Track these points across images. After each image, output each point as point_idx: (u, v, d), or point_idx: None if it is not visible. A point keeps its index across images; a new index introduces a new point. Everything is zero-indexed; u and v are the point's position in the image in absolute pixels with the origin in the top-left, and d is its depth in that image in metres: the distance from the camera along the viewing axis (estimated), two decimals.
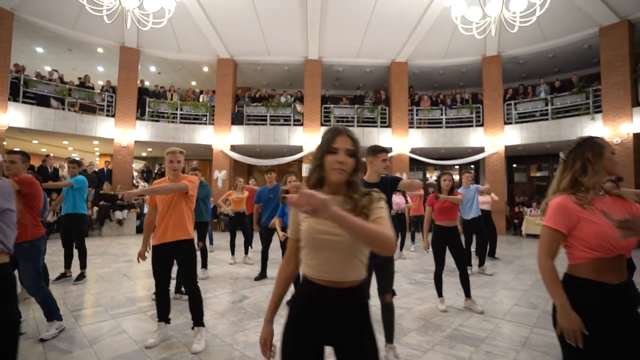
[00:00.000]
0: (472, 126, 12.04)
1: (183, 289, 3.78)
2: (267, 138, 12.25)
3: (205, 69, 13.32)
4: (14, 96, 9.51)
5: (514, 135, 11.37)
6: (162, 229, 2.83)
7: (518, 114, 11.49)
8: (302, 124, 12.41)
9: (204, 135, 12.14)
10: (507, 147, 11.58)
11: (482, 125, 11.90)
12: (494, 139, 11.56)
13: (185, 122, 12.23)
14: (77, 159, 6.44)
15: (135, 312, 3.62)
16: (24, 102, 9.70)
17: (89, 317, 3.49)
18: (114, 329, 3.15)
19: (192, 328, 2.87)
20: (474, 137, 11.90)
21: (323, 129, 12.28)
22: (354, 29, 11.06)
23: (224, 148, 12.09)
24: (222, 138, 12.10)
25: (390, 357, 2.59)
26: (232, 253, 6.35)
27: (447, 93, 13.65)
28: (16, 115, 9.43)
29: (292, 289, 1.59)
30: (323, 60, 12.49)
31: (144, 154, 15.34)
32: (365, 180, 2.67)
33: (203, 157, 15.57)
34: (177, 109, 12.07)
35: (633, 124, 9.13)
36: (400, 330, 3.24)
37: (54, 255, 6.45)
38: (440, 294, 3.90)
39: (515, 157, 14.01)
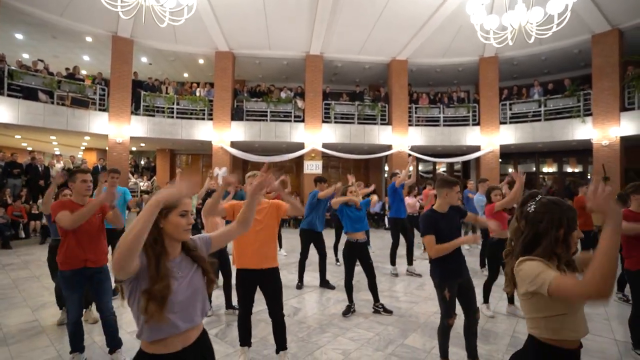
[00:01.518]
0: (468, 125, 12.44)
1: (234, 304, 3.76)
2: (269, 134, 12.07)
3: (201, 61, 12.83)
4: None
5: (509, 135, 11.88)
6: (252, 253, 2.76)
7: (512, 114, 11.99)
8: (303, 120, 12.31)
9: (203, 131, 11.77)
10: (502, 146, 12.08)
11: (478, 124, 12.32)
12: (489, 138, 12.03)
13: (183, 117, 11.79)
14: (103, 164, 6.11)
15: None
16: (9, 96, 8.95)
17: None
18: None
19: (277, 352, 2.87)
20: (471, 135, 12.32)
21: (324, 126, 12.28)
22: (361, 27, 11.00)
23: (224, 144, 11.80)
24: (222, 134, 11.80)
25: None
26: None
27: (443, 90, 13.98)
28: (1, 110, 8.71)
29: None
30: (324, 55, 12.37)
31: (133, 149, 14.66)
32: (435, 210, 2.76)
33: (198, 152, 15.15)
34: (173, 104, 11.59)
35: (620, 128, 9.80)
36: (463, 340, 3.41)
37: None
38: (486, 300, 4.13)
39: (503, 153, 14.65)
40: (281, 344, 2.84)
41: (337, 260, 6.58)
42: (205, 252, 1.50)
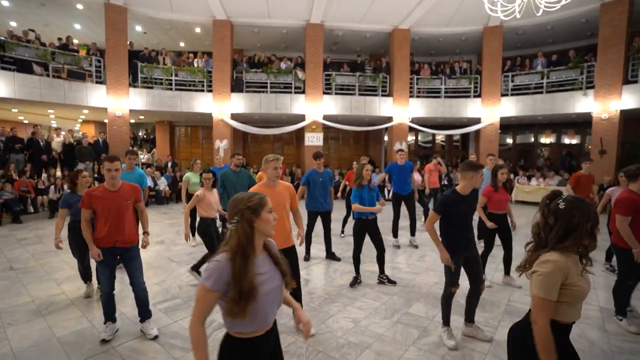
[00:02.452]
0: (469, 97, 12.37)
1: None
2: (269, 106, 11.97)
3: (198, 29, 12.39)
4: None
5: (509, 107, 11.87)
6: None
7: (514, 86, 11.90)
8: (303, 92, 12.17)
9: (203, 103, 11.63)
10: (502, 119, 12.11)
11: (479, 96, 12.25)
12: (490, 110, 12.02)
13: (182, 89, 11.60)
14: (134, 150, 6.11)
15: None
16: (2, 69, 8.74)
17: (174, 310, 3.65)
18: (211, 323, 3.34)
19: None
20: (472, 107, 12.29)
21: (325, 97, 12.16)
22: None
23: (224, 117, 11.72)
24: (223, 106, 11.68)
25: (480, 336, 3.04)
26: None
27: (444, 60, 13.74)
28: None
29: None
30: (325, 24, 11.99)
31: (132, 121, 14.49)
32: (459, 192, 2.90)
33: (198, 124, 15.03)
34: (171, 75, 11.35)
35: (622, 101, 9.83)
36: (462, 308, 3.71)
37: None
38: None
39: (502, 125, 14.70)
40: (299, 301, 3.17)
41: (342, 232, 6.84)
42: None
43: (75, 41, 12.14)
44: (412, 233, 6.18)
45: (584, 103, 10.51)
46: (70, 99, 9.71)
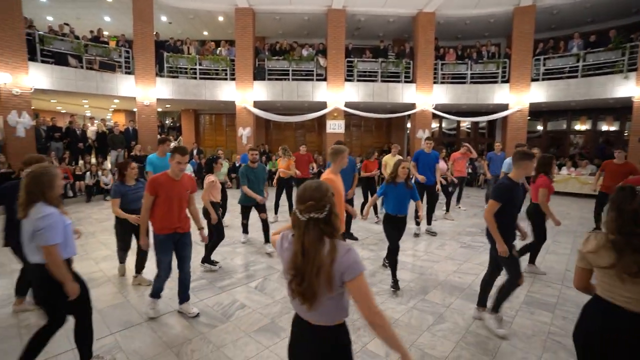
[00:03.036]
0: (497, 82, 11.88)
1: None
2: (291, 94, 12.03)
3: (221, 18, 12.52)
4: (31, 55, 9.04)
5: (540, 93, 11.33)
6: None
7: (546, 70, 11.30)
8: (325, 79, 12.12)
9: (226, 91, 11.85)
10: (531, 105, 11.59)
11: (507, 81, 11.74)
12: (519, 96, 11.52)
13: (206, 78, 11.86)
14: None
15: (238, 284, 4.03)
16: (42, 62, 9.26)
17: (200, 290, 3.89)
18: (234, 303, 3.54)
19: None
20: (499, 93, 11.82)
21: (347, 85, 12.06)
22: None
23: (247, 105, 11.91)
24: (245, 94, 11.85)
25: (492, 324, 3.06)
26: (276, 212, 7.13)
27: (471, 44, 13.20)
28: (38, 76, 9.08)
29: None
30: (347, 9, 11.78)
31: (159, 109, 15.02)
32: (512, 178, 2.95)
33: (221, 112, 15.34)
34: (195, 64, 11.61)
35: None
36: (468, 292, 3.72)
37: None
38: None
39: (532, 110, 14.05)
40: None
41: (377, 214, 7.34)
42: None
43: (106, 33, 12.62)
44: (429, 222, 6.29)
45: (624, 87, 9.85)
46: (102, 89, 10.18)
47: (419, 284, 4.02)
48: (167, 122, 18.02)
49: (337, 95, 12.00)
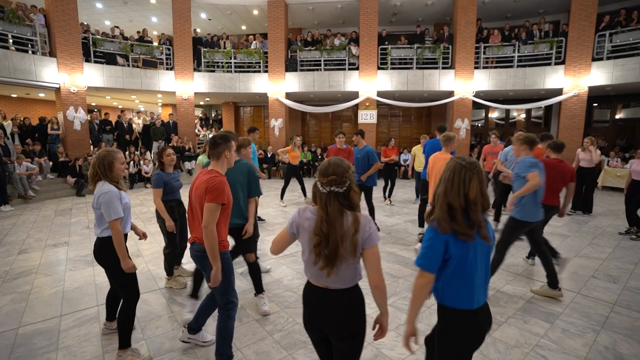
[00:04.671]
0: (550, 64, 10.58)
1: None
2: (322, 84, 11.96)
3: (255, 12, 12.80)
4: (86, 56, 10.12)
5: (603, 74, 9.87)
6: None
7: (613, 47, 9.78)
8: (357, 68, 11.83)
9: (259, 83, 12.16)
10: (591, 88, 10.16)
11: (563, 62, 10.40)
12: (576, 79, 10.16)
13: (240, 71, 12.27)
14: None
15: None
16: (95, 62, 10.31)
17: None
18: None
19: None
20: (552, 77, 10.53)
21: (380, 73, 11.65)
22: None
23: (279, 96, 12.11)
24: (277, 86, 12.05)
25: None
26: (282, 198, 7.44)
27: (522, 24, 11.88)
28: (92, 75, 10.15)
29: None
30: None
31: (202, 102, 15.93)
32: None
33: (259, 104, 15.81)
34: (230, 58, 12.06)
35: None
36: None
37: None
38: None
39: (597, 96, 12.31)
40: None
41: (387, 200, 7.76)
42: None
43: (155, 33, 13.65)
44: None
45: None
46: (146, 85, 11.06)
47: (409, 281, 3.80)
48: (213, 114, 19.04)
49: (369, 84, 11.66)
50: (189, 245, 2.47)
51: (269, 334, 2.83)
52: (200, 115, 17.07)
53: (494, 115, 14.26)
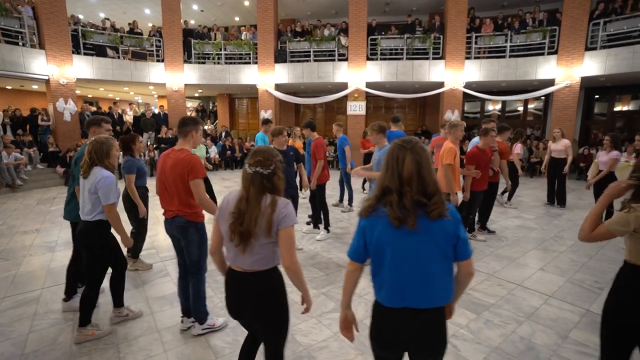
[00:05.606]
0: (542, 54, 10.29)
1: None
2: (311, 75, 11.90)
3: (247, 2, 12.76)
4: (75, 48, 10.26)
5: (597, 64, 9.56)
6: None
7: (607, 35, 9.45)
8: (347, 59, 11.72)
9: (249, 75, 12.17)
10: (584, 79, 9.86)
11: (555, 52, 10.10)
12: (568, 70, 9.88)
13: (231, 63, 12.29)
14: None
15: None
16: (85, 54, 10.46)
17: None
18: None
19: None
20: (544, 67, 10.25)
21: (369, 64, 11.52)
22: None
23: (268, 87, 12.10)
24: (266, 77, 12.04)
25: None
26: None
27: (516, 14, 11.53)
28: (81, 67, 10.31)
29: None
30: None
31: (196, 94, 16.04)
32: None
33: (254, 96, 15.80)
34: (220, 50, 12.08)
35: None
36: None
37: None
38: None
39: (597, 87, 11.95)
40: None
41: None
42: None
43: (150, 24, 13.72)
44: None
45: None
46: (136, 77, 11.19)
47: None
48: (211, 106, 19.14)
49: (357, 75, 11.55)
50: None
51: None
52: (197, 106, 17.19)
53: (494, 107, 13.98)
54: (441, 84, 11.29)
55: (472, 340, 2.63)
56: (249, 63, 12.25)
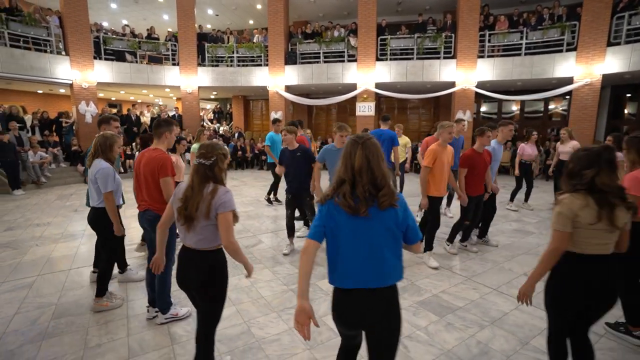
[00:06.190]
0: (561, 51, 9.82)
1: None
2: (320, 77, 11.98)
3: (259, 6, 13.04)
4: (97, 54, 10.91)
5: (620, 60, 9.02)
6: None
7: (630, 29, 8.89)
8: (356, 60, 11.70)
9: (260, 76, 12.42)
10: (608, 77, 9.32)
11: (575, 49, 9.61)
12: (588, 67, 9.37)
13: (243, 65, 12.60)
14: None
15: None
16: (105, 59, 11.09)
17: None
18: None
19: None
20: (562, 65, 9.78)
21: (378, 64, 11.45)
22: None
23: (278, 89, 12.30)
24: (277, 79, 12.25)
25: None
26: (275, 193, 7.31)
27: (534, 9, 11.07)
28: (102, 71, 10.94)
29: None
30: None
31: (212, 96, 16.53)
32: None
33: (265, 98, 16.12)
34: (233, 52, 12.41)
35: None
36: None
37: None
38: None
39: (627, 85, 11.24)
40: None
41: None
42: None
43: (169, 29, 14.33)
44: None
45: None
46: (152, 80, 11.72)
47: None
48: (228, 108, 19.66)
49: (366, 76, 11.51)
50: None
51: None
52: (214, 108, 17.71)
53: (517, 107, 13.45)
54: (452, 84, 11.03)
55: (426, 342, 2.60)
56: (260, 65, 12.50)
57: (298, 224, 5.14)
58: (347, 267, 1.43)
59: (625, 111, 11.77)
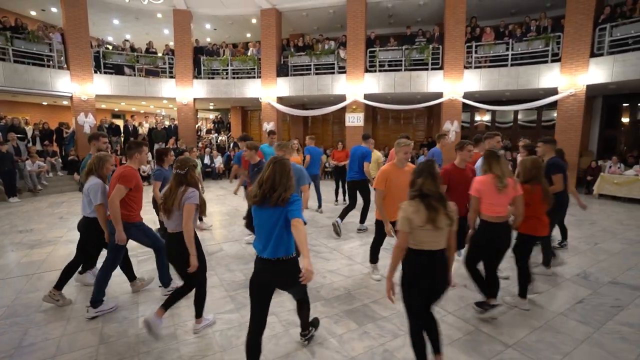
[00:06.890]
0: (546, 62, 9.83)
1: None
2: (311, 88, 12.25)
3: (254, 20, 13.47)
4: (98, 68, 11.48)
5: (603, 71, 8.97)
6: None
7: (612, 41, 8.86)
8: (345, 72, 11.95)
9: (253, 88, 12.78)
10: (590, 87, 9.28)
11: (559, 60, 9.62)
12: (572, 77, 9.35)
13: (237, 77, 13.00)
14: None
15: None
16: (105, 73, 11.65)
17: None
18: None
19: None
20: (547, 75, 9.78)
21: (367, 76, 11.66)
22: None
23: (270, 100, 12.62)
24: (269, 90, 12.58)
25: None
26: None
27: (522, 21, 11.12)
28: (101, 84, 11.48)
29: None
30: None
31: (210, 107, 17.00)
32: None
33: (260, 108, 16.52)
34: (227, 65, 12.83)
35: None
36: (312, 297, 3.52)
37: None
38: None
39: (616, 95, 11.13)
40: None
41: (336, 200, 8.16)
42: None
43: (171, 43, 14.93)
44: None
45: None
46: (149, 92, 12.21)
47: None
48: (229, 118, 20.14)
49: (355, 87, 11.72)
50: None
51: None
52: (215, 118, 18.20)
53: (478, 117, 13.58)
54: (440, 95, 11.12)
55: (334, 348, 2.72)
56: (254, 77, 12.87)
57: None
58: (258, 242, 2.17)
59: (623, 120, 11.61)
